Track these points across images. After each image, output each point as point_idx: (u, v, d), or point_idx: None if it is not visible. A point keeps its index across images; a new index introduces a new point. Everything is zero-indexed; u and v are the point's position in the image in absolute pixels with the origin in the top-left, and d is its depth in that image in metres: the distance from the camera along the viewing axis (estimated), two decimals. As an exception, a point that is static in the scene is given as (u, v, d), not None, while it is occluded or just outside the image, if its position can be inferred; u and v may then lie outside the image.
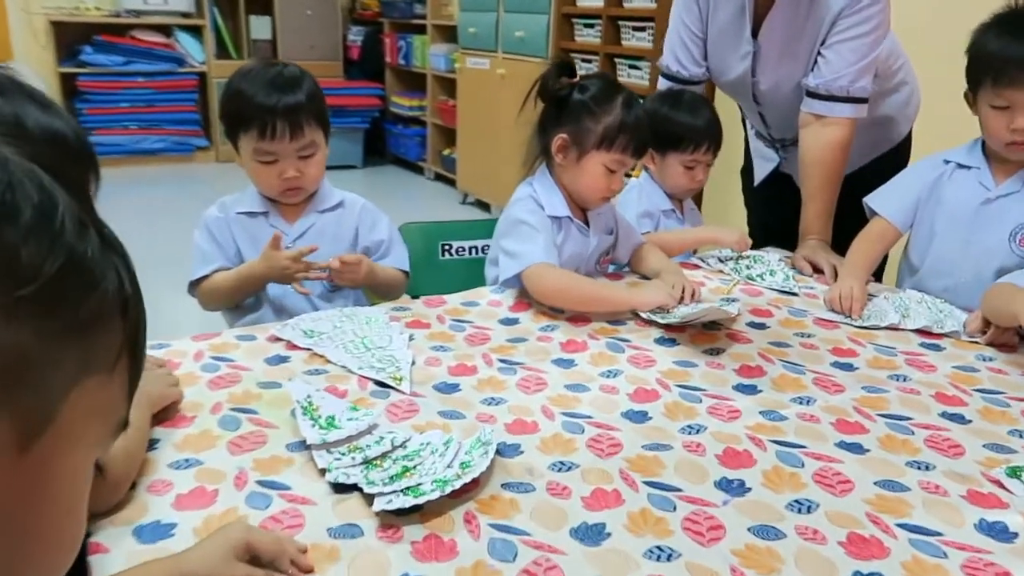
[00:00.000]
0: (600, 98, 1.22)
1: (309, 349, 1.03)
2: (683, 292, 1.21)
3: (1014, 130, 1.21)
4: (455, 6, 4.16)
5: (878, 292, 1.34)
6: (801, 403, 0.94)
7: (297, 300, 1.25)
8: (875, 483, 0.79)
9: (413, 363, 1.00)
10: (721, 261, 1.48)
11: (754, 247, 1.58)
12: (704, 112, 1.51)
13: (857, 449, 0.85)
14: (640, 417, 0.90)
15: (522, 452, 0.81)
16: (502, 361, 1.03)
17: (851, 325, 1.21)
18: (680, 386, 0.97)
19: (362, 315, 1.13)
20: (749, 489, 0.77)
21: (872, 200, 1.43)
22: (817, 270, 1.46)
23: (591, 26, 3.26)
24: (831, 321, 1.23)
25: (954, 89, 1.32)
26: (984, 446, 0.86)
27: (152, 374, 0.85)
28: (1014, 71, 1.18)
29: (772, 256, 1.51)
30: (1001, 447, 0.86)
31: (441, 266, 1.52)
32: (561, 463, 0.79)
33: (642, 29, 3.00)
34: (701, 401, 0.94)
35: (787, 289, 1.36)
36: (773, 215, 1.79)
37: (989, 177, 1.33)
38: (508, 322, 1.16)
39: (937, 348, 1.14)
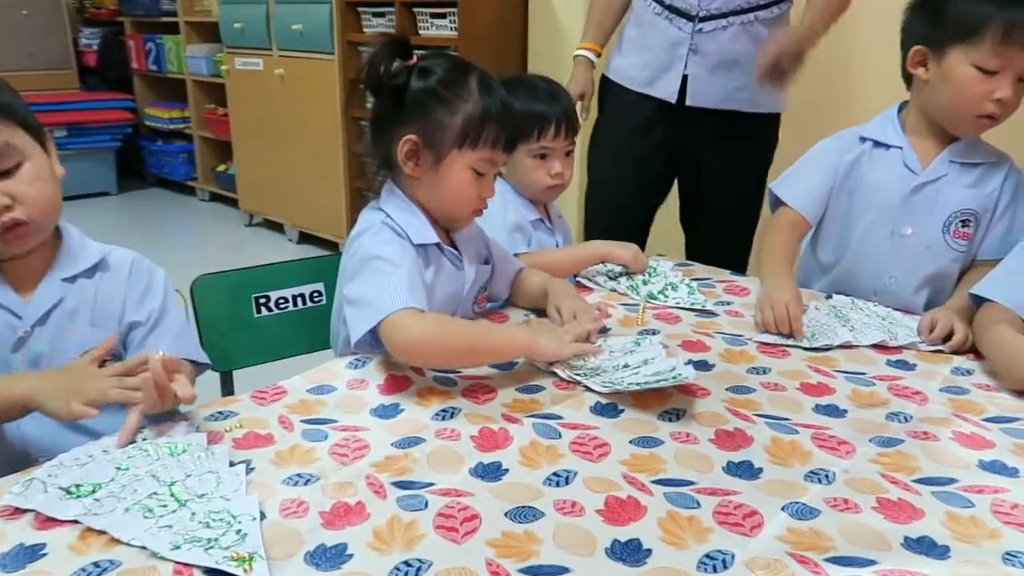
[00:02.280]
0: (450, 81, 1.04)
1: (76, 522, 0.69)
2: (594, 328, 1.06)
3: (997, 100, 1.16)
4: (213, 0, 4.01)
5: (806, 301, 1.23)
6: (821, 481, 0.78)
7: (39, 427, 0.90)
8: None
9: (263, 517, 0.70)
10: (611, 279, 1.37)
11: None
12: (543, 87, 1.39)
13: (936, 551, 0.68)
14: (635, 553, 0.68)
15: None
16: (398, 485, 0.76)
17: (800, 347, 1.11)
18: (658, 482, 0.77)
19: (163, 445, 0.79)
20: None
21: (779, 187, 1.39)
22: None
23: (381, 15, 3.24)
24: (776, 346, 1.11)
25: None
26: None
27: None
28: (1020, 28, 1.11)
29: (665, 266, 1.40)
30: None
31: (259, 327, 1.26)
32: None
33: (442, 16, 2.97)
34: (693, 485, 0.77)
35: (697, 305, 1.26)
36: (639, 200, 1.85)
37: (914, 158, 1.30)
38: (385, 413, 0.91)
39: (908, 367, 1.07)
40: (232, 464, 0.77)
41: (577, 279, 1.38)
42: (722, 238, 1.87)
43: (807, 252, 1.46)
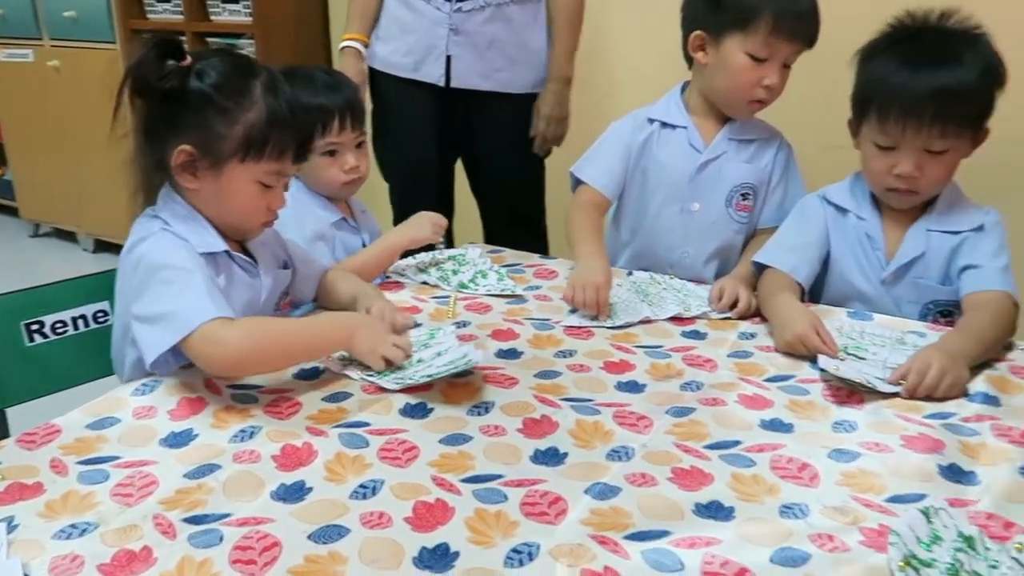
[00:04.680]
0: (230, 86, 0.96)
1: None
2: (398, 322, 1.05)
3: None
4: (-38, -18, 3.54)
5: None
6: (622, 458, 0.81)
7: None
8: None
9: None
10: (421, 271, 1.35)
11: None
12: (322, 78, 1.33)
13: (723, 513, 0.73)
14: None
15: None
16: (191, 521, 0.70)
17: (604, 327, 1.14)
18: (467, 480, 0.77)
19: None
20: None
21: (578, 169, 1.42)
22: None
23: (167, 0, 3.02)
24: (582, 328, 1.14)
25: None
26: (830, 455, 0.81)
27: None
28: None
29: (474, 253, 1.41)
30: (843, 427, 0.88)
31: (33, 357, 1.13)
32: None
33: (236, 0, 2.85)
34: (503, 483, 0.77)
35: (507, 291, 1.27)
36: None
37: (698, 137, 1.37)
38: (177, 441, 0.83)
39: (700, 335, 1.13)
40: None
41: (386, 276, 1.35)
42: (514, 219, 1.94)
43: (610, 228, 1.52)
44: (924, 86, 1.08)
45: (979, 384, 0.98)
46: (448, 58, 1.77)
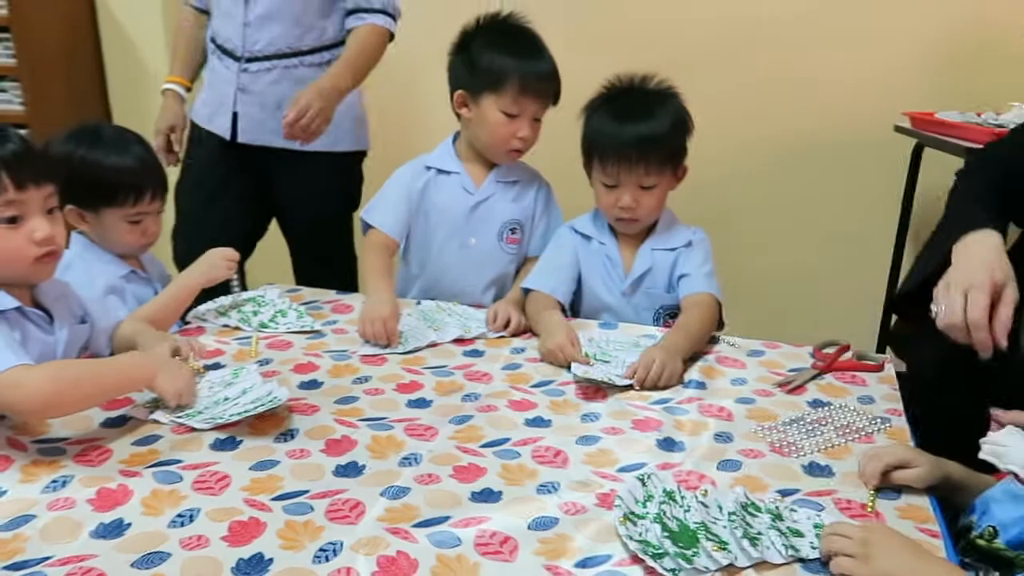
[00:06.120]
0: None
1: None
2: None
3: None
4: None
5: (400, 309, 1.40)
6: (412, 464, 0.96)
7: None
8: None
9: None
10: (221, 314, 1.41)
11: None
12: (134, 147, 1.38)
13: (493, 497, 0.89)
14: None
15: None
16: (11, 568, 0.74)
17: (396, 353, 1.28)
18: (277, 498, 0.88)
19: None
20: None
21: (367, 214, 1.57)
22: None
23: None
24: (377, 356, 1.27)
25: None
26: (577, 441, 1.02)
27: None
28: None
29: (273, 294, 1.50)
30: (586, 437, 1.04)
31: None
32: None
33: None
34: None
35: (307, 328, 1.37)
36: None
37: (469, 181, 1.56)
38: None
39: (479, 354, 1.30)
40: None
41: (186, 322, 1.41)
42: (321, 260, 2.00)
43: (402, 265, 1.68)
44: (630, 135, 1.35)
45: (693, 373, 1.24)
46: (235, 114, 1.82)
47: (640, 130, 1.35)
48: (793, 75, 2.32)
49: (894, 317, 2.15)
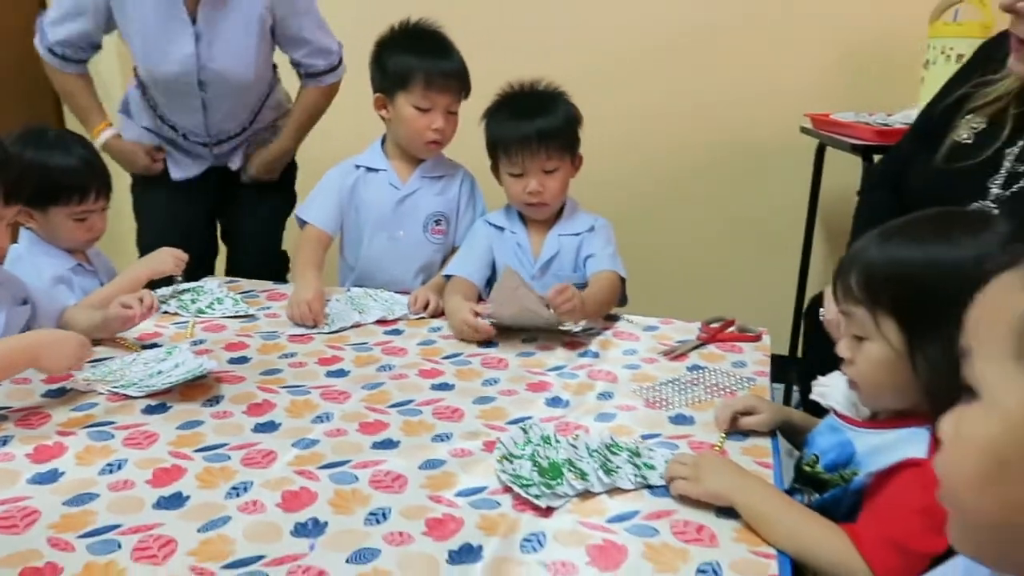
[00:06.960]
0: None
1: None
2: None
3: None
4: None
5: (330, 295, 1.57)
6: (323, 421, 1.08)
7: None
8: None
9: None
10: (162, 302, 1.51)
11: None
12: (77, 149, 1.47)
13: (392, 445, 1.01)
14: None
15: None
16: None
17: (322, 333, 1.41)
18: (199, 449, 0.99)
19: None
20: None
21: (302, 211, 1.70)
22: None
23: None
24: (304, 335, 1.40)
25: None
26: (474, 401, 1.15)
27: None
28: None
29: (212, 284, 1.63)
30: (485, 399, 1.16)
31: None
32: None
33: None
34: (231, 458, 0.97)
35: (241, 312, 1.50)
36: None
37: (396, 177, 1.68)
38: None
39: (398, 332, 1.44)
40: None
41: None
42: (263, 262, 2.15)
43: (340, 258, 1.80)
44: (530, 128, 1.50)
45: (591, 344, 1.38)
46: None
47: (538, 124, 1.50)
48: (711, 79, 2.48)
49: (805, 304, 2.31)
